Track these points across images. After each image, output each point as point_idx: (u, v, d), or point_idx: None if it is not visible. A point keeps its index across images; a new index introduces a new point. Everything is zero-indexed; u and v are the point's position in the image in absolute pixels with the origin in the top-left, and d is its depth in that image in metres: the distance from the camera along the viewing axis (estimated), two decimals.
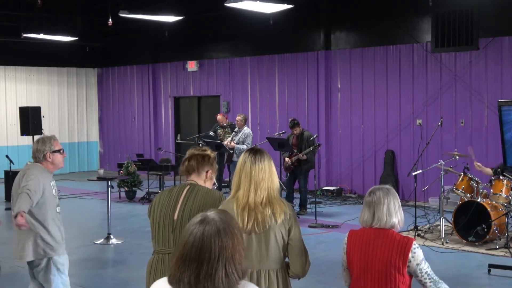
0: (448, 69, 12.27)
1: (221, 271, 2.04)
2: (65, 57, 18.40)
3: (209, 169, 4.02)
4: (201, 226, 2.09)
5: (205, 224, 2.09)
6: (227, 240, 2.08)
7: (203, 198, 3.80)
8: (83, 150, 19.36)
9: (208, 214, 2.14)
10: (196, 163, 3.98)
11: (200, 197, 3.81)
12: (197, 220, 2.12)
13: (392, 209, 3.57)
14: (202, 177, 3.99)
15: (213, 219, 2.11)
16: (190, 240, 2.07)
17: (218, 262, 2.04)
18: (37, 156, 5.07)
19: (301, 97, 14.59)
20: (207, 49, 16.54)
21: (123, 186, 13.49)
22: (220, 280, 2.04)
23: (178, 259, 2.08)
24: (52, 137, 5.20)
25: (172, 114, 17.69)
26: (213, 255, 2.04)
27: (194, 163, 3.99)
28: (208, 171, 4.01)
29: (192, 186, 3.90)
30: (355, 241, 3.63)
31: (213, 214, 2.14)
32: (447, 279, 7.49)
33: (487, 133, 11.77)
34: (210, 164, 4.04)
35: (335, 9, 13.96)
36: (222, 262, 2.05)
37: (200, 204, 3.77)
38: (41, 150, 5.05)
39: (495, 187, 8.87)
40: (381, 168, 13.31)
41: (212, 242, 2.05)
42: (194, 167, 3.99)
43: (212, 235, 2.07)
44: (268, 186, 3.56)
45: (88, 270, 8.18)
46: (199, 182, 3.96)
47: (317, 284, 7.17)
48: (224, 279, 2.04)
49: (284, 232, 3.54)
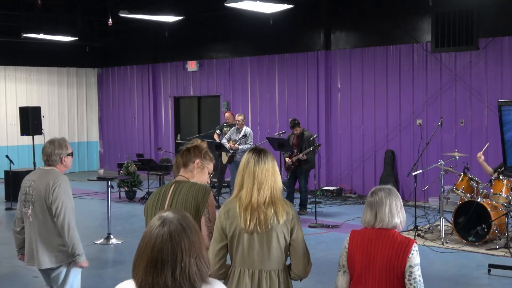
0: (448, 69, 12.27)
1: (194, 267, 2.08)
2: (65, 57, 18.40)
3: (197, 159, 3.94)
4: (165, 227, 2.10)
5: (168, 225, 2.10)
6: (193, 236, 2.11)
7: (186, 193, 3.78)
8: (83, 150, 19.36)
9: (163, 215, 2.15)
10: (181, 157, 3.95)
11: (183, 193, 3.79)
12: (157, 224, 2.12)
13: (394, 210, 3.57)
14: (191, 168, 3.93)
15: (172, 218, 2.13)
16: (158, 243, 2.08)
17: (189, 258, 2.07)
18: (53, 159, 5.00)
19: (301, 97, 14.59)
20: (207, 49, 16.54)
21: (123, 186, 13.49)
22: (194, 275, 2.08)
23: (148, 264, 2.08)
24: (65, 140, 5.16)
25: (172, 114, 17.69)
26: (184, 253, 2.07)
27: (180, 159, 3.96)
28: (196, 161, 3.93)
29: (177, 183, 3.87)
30: (357, 241, 3.63)
31: (169, 214, 2.15)
32: (447, 279, 7.52)
33: (487, 133, 11.76)
34: (199, 154, 3.95)
35: (335, 9, 13.96)
36: (193, 257, 2.08)
37: (183, 200, 3.77)
38: (58, 154, 5.01)
39: (495, 187, 8.87)
40: (381, 168, 13.31)
41: (181, 240, 2.08)
42: (180, 162, 3.95)
43: (179, 233, 2.09)
44: (271, 186, 3.55)
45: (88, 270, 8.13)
46: (188, 176, 3.92)
47: (317, 284, 7.16)
48: (197, 273, 2.09)
49: (286, 232, 3.53)
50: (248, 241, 3.52)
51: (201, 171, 3.95)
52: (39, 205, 4.93)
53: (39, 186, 4.93)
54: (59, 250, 5.00)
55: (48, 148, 5.01)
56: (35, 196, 4.93)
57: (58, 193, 4.87)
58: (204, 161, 3.95)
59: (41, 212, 4.94)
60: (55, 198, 4.87)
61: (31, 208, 4.96)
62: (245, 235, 3.51)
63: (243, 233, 3.51)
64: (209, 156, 4.01)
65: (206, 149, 4.00)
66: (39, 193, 4.92)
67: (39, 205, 4.93)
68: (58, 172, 5.01)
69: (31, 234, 5.01)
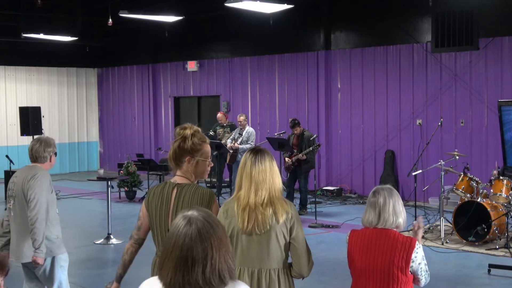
0: (448, 69, 12.27)
1: (223, 262, 2.09)
2: (65, 57, 18.40)
3: (187, 156, 3.63)
4: (193, 226, 2.09)
5: (195, 223, 2.10)
6: (220, 232, 2.12)
7: (190, 199, 3.58)
8: (83, 150, 19.36)
9: (187, 214, 2.14)
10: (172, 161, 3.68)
11: (187, 200, 3.58)
12: (183, 223, 2.11)
13: (397, 209, 3.58)
14: (185, 169, 3.65)
15: (198, 216, 2.13)
16: (187, 241, 2.08)
17: (219, 254, 2.08)
18: (42, 156, 5.08)
19: (301, 97, 14.59)
20: (207, 49, 16.55)
21: (123, 186, 13.49)
22: (224, 270, 2.09)
23: (178, 264, 2.08)
24: (52, 139, 5.26)
25: (172, 114, 17.69)
26: (214, 249, 2.08)
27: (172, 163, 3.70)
28: (186, 159, 3.63)
29: (179, 188, 3.63)
30: (357, 241, 3.63)
31: (193, 212, 2.15)
32: (447, 279, 7.52)
33: (487, 133, 11.77)
34: (186, 151, 3.62)
35: (335, 9, 13.96)
36: (222, 253, 2.09)
37: (187, 207, 3.48)
38: (48, 152, 5.11)
39: (495, 187, 8.87)
40: (381, 168, 13.31)
41: (210, 237, 2.08)
42: (173, 164, 3.69)
43: (207, 230, 2.09)
44: (269, 186, 3.54)
45: (88, 270, 8.18)
46: (188, 176, 3.67)
47: (317, 284, 7.16)
48: (226, 268, 2.10)
49: (286, 231, 3.53)
50: (247, 240, 3.53)
51: (196, 165, 3.65)
52: (18, 199, 5.03)
53: (19, 180, 5.03)
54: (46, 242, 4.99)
55: (37, 146, 5.09)
56: (16, 191, 5.04)
57: (32, 185, 4.93)
58: (194, 154, 3.63)
59: (20, 205, 5.02)
60: (29, 190, 4.94)
61: (12, 202, 5.07)
62: (243, 234, 3.52)
63: (241, 233, 3.52)
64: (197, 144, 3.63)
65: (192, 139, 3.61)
66: (18, 187, 5.02)
67: (18, 199, 5.03)
68: (39, 167, 5.08)
69: (13, 228, 5.11)
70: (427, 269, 3.60)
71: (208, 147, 3.69)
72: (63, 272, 5.19)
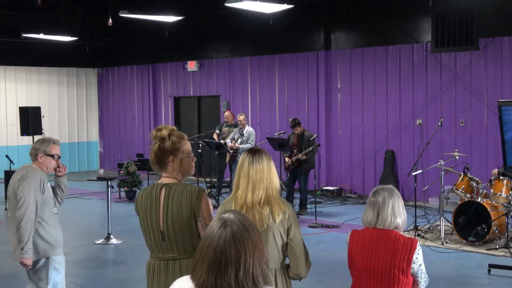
0: (448, 69, 12.27)
1: (257, 267, 2.08)
2: (65, 57, 18.40)
3: (170, 156, 3.57)
4: (227, 228, 2.10)
5: (230, 225, 2.10)
6: (256, 236, 2.12)
7: (179, 198, 3.54)
8: (83, 150, 19.36)
9: (224, 216, 2.15)
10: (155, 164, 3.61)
11: (176, 199, 3.53)
12: (218, 225, 2.12)
13: (396, 210, 3.57)
14: (170, 169, 3.60)
15: (233, 219, 2.12)
16: (221, 243, 2.07)
17: (253, 258, 2.08)
18: (31, 153, 5.12)
19: (301, 97, 14.59)
20: (207, 49, 16.55)
21: (123, 186, 13.49)
22: (258, 275, 2.08)
23: (211, 265, 2.07)
24: (53, 140, 5.19)
25: (172, 114, 17.69)
26: (248, 253, 2.07)
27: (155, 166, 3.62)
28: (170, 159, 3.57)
29: (167, 188, 3.57)
30: (357, 242, 3.62)
31: (229, 215, 2.15)
32: (447, 279, 7.53)
33: (487, 133, 11.77)
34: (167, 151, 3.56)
35: (335, 9, 13.96)
36: (256, 257, 2.09)
37: (178, 206, 3.53)
38: (35, 148, 5.08)
39: (495, 187, 8.87)
40: (381, 168, 13.31)
41: (244, 240, 2.08)
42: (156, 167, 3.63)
43: (242, 233, 2.09)
44: (266, 186, 3.55)
45: (88, 270, 8.18)
46: (174, 175, 3.61)
47: (317, 284, 7.16)
48: (261, 273, 2.09)
49: (283, 231, 3.54)
50: None
51: (180, 163, 3.60)
52: (11, 200, 5.05)
53: (12, 181, 5.05)
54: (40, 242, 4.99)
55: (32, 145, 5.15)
56: (10, 192, 5.07)
57: (21, 185, 4.92)
58: (176, 152, 3.57)
59: (13, 206, 5.02)
60: (18, 189, 4.93)
61: (8, 203, 5.14)
62: None
63: None
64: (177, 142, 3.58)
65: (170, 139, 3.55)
66: (11, 187, 5.04)
67: (11, 200, 5.05)
68: (32, 167, 5.04)
69: (10, 229, 5.10)
70: (425, 272, 3.61)
71: (187, 143, 3.66)
72: (57, 275, 5.11)
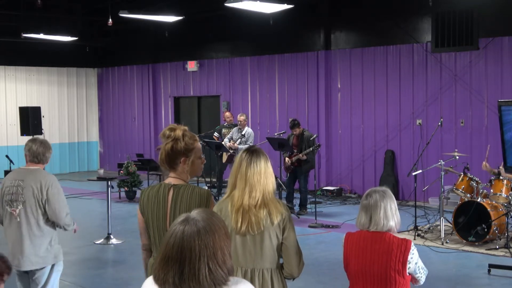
0: (448, 69, 12.27)
1: (204, 269, 2.06)
2: (65, 57, 18.40)
3: (182, 157, 3.55)
4: (181, 226, 2.11)
5: (185, 224, 2.11)
6: (207, 238, 2.09)
7: (188, 200, 3.53)
8: (83, 150, 19.36)
9: (190, 214, 2.16)
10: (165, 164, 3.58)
11: (185, 201, 3.53)
12: (178, 221, 2.14)
13: (389, 213, 3.56)
14: (180, 170, 3.58)
15: (194, 218, 2.13)
16: (171, 241, 2.09)
17: (199, 261, 2.06)
18: (42, 158, 5.08)
19: (301, 97, 14.59)
20: (207, 49, 16.55)
21: (123, 186, 13.49)
22: (204, 278, 2.06)
23: (161, 260, 2.11)
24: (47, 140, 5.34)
25: (172, 114, 17.69)
26: (194, 254, 2.06)
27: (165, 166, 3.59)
28: (182, 160, 3.56)
29: (176, 189, 3.56)
30: (352, 244, 3.63)
31: (195, 213, 2.16)
32: (447, 279, 7.52)
33: (487, 133, 11.77)
34: (182, 151, 3.54)
35: (335, 9, 13.96)
36: (204, 260, 2.07)
37: (186, 208, 3.50)
38: (50, 153, 5.16)
39: (495, 187, 8.87)
40: (381, 168, 13.31)
41: (191, 241, 2.07)
42: (166, 166, 3.60)
43: (191, 234, 2.08)
44: (263, 188, 3.54)
45: (88, 270, 8.18)
46: (183, 177, 3.61)
47: (317, 284, 7.16)
48: (208, 276, 2.07)
49: (279, 232, 3.55)
50: (240, 240, 3.54)
51: (191, 164, 3.59)
52: (30, 205, 4.94)
53: (31, 185, 4.95)
54: (47, 251, 5.03)
55: (36, 148, 5.07)
56: (26, 196, 4.94)
57: (53, 193, 5.00)
58: (188, 154, 3.56)
59: (32, 212, 4.95)
60: (51, 201, 4.98)
61: (20, 207, 4.96)
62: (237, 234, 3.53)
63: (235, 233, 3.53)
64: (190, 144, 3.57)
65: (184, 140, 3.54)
66: (31, 192, 4.94)
67: (30, 205, 4.94)
68: (46, 172, 5.11)
69: (17, 234, 4.98)
70: (423, 265, 3.62)
71: (199, 144, 3.66)
72: (57, 278, 5.22)
